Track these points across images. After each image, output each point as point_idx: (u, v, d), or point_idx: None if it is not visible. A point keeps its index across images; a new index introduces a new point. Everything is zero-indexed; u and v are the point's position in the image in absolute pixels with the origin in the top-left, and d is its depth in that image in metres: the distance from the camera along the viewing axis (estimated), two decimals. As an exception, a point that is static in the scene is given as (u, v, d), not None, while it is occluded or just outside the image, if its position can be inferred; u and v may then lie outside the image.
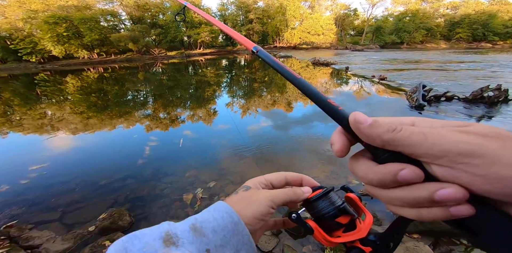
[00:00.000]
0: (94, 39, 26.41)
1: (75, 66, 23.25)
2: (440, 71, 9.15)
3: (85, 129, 4.23)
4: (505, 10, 39.34)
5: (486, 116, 3.97)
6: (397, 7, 43.98)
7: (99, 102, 6.63)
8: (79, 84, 10.45)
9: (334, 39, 38.25)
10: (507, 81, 6.40)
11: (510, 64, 10.85)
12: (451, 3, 42.87)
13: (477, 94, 4.63)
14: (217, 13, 38.02)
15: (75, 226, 1.80)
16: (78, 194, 2.18)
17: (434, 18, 40.22)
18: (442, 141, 0.15)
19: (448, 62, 12.82)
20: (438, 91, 5.20)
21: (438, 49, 31.80)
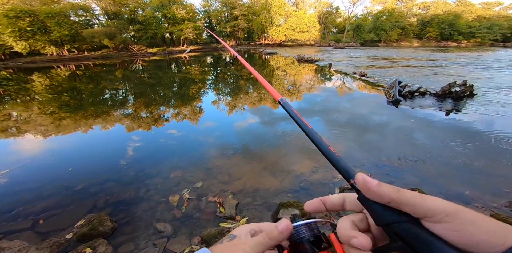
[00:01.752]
0: (63, 34, 24.19)
1: (42, 64, 21.17)
2: (413, 68, 9.80)
3: (58, 130, 3.89)
4: (468, 11, 43.09)
5: (454, 109, 4.34)
6: (375, 6, 45.99)
7: (72, 102, 6.12)
8: (47, 83, 9.55)
9: (318, 37, 39.10)
10: (472, 77, 7.05)
11: (474, 62, 11.94)
12: (423, 3, 45.91)
13: (446, 89, 5.03)
14: (201, 9, 36.79)
15: (50, 234, 1.66)
16: (51, 200, 2.01)
17: (408, 17, 42.75)
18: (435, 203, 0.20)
19: (420, 59, 13.77)
20: (412, 87, 5.57)
21: (412, 47, 33.98)
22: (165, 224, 1.73)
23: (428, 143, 2.95)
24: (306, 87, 6.82)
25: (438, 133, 3.28)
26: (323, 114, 4.23)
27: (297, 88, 6.77)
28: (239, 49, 32.02)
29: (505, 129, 3.29)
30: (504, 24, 40.55)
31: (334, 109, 4.56)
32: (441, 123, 3.63)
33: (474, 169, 2.34)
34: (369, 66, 10.45)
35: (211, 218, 1.79)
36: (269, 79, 8.54)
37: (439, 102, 4.81)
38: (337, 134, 3.31)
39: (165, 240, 1.61)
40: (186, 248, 1.55)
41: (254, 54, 23.11)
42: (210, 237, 1.54)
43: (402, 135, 3.24)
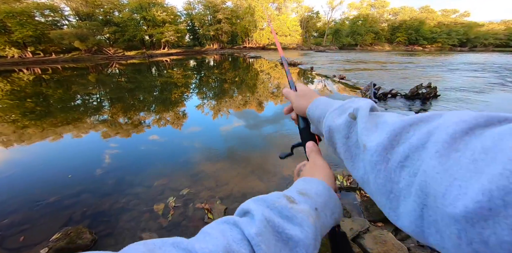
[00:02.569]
0: (26, 35, 22.06)
1: (1, 67, 19.03)
2: (386, 71, 10.66)
3: (21, 139, 3.52)
4: (431, 18, 47.88)
5: (422, 110, 4.80)
6: (351, 11, 48.99)
7: (38, 109, 5.59)
8: (8, 88, 8.60)
9: (300, 40, 40.56)
10: (436, 80, 7.87)
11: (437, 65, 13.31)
12: (393, 10, 50.00)
13: (414, 91, 5.55)
14: (183, 12, 36.08)
15: (22, 250, 1.53)
16: (20, 215, 1.84)
17: (380, 22, 46.23)
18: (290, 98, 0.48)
19: (392, 62, 15.01)
20: (385, 89, 6.05)
21: (384, 51, 36.86)
22: (151, 233, 1.67)
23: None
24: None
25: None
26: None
27: (281, 91, 6.95)
28: (223, 53, 31.94)
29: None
30: (460, 30, 45.47)
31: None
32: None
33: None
34: (347, 70, 11.12)
35: (200, 224, 1.77)
36: (254, 82, 8.64)
37: (409, 103, 5.29)
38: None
39: None
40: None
41: (238, 57, 23.22)
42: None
43: None
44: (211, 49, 36.61)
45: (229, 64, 16.95)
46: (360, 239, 1.49)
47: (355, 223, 1.61)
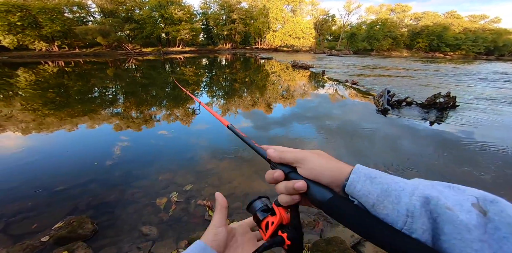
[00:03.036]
0: (55, 30, 23.58)
1: (29, 59, 20.36)
2: (402, 78, 10.25)
3: (40, 128, 3.73)
4: (456, 24, 45.25)
5: (438, 120, 4.57)
6: (369, 15, 47.84)
7: (58, 99, 5.91)
8: (33, 79, 9.18)
9: (313, 43, 40.12)
10: (456, 89, 7.47)
11: (459, 74, 12.65)
12: (414, 14, 48.00)
13: (431, 100, 5.29)
14: (199, 11, 36.90)
15: (24, 237, 1.58)
16: (27, 201, 1.91)
17: (399, 27, 44.48)
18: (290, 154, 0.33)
19: (410, 69, 14.44)
20: (400, 96, 5.82)
21: (401, 57, 35.57)
22: (151, 227, 1.69)
23: (412, 150, 3.08)
24: (299, 93, 6.96)
25: (422, 141, 3.43)
26: (314, 120, 4.32)
27: (291, 93, 6.89)
28: (235, 53, 32.26)
29: (482, 139, 3.50)
30: (488, 37, 42.73)
31: (326, 115, 4.68)
32: (424, 133, 3.81)
33: (453, 177, 2.47)
34: (360, 75, 10.83)
35: (200, 221, 1.77)
36: (264, 84, 8.64)
37: (424, 112, 5.04)
38: (328, 140, 3.39)
39: (150, 243, 1.57)
40: (172, 251, 1.51)
41: (249, 58, 23.36)
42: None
43: (389, 142, 3.36)
44: (224, 49, 37.12)
45: (240, 64, 17.08)
46: (360, 247, 1.49)
47: None
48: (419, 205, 0.23)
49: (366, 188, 0.26)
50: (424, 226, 0.23)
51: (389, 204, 0.24)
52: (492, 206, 0.22)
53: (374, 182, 0.27)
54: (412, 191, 0.24)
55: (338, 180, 0.29)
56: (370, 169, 0.29)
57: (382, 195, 0.25)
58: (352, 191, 0.27)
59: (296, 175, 0.31)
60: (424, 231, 0.23)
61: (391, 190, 0.25)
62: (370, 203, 0.26)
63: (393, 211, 0.24)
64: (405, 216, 0.23)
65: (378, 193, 0.26)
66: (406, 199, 0.24)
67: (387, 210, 0.25)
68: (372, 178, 0.27)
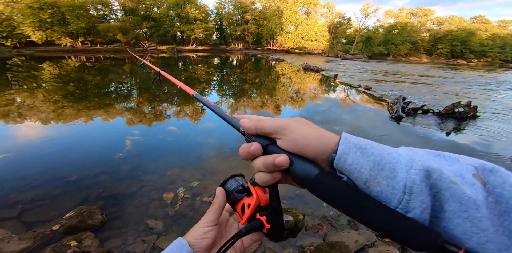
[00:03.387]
0: (80, 27, 25.02)
1: (55, 53, 21.63)
2: (420, 85, 9.83)
3: (58, 119, 3.94)
4: (484, 29, 42.31)
5: (455, 130, 4.33)
6: (388, 19, 46.41)
7: (77, 92, 6.22)
8: (56, 72, 9.73)
9: (326, 46, 39.54)
10: (478, 99, 7.06)
11: (482, 83, 11.95)
12: (438, 19, 45.70)
13: (449, 109, 5.02)
14: (214, 11, 37.51)
15: (36, 225, 1.65)
16: (42, 190, 2.01)
17: (420, 32, 42.52)
18: (276, 122, 0.26)
19: (428, 76, 13.82)
20: (416, 104, 5.58)
21: (420, 63, 34.12)
22: (157, 221, 1.72)
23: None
24: (309, 96, 6.87)
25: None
26: (323, 125, 4.24)
27: (301, 96, 6.81)
28: (247, 53, 32.46)
29: (502, 152, 3.28)
30: (518, 44, 39.66)
31: (336, 120, 4.58)
32: (440, 143, 3.62)
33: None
34: (375, 80, 10.51)
35: None
36: (273, 85, 8.61)
37: (441, 121, 4.80)
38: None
39: (155, 237, 1.60)
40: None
41: (261, 59, 23.40)
42: (202, 237, 1.54)
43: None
44: (236, 49, 37.48)
45: (251, 65, 17.14)
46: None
47: (361, 236, 1.59)
48: (419, 179, 0.20)
49: (358, 161, 0.22)
50: (424, 204, 0.19)
51: (383, 179, 0.21)
52: (492, 177, 0.19)
53: (365, 154, 0.23)
54: (409, 163, 0.21)
55: (324, 152, 0.24)
56: (358, 137, 0.25)
57: (375, 169, 0.22)
58: (342, 166, 0.23)
59: (276, 148, 0.26)
60: (424, 210, 0.20)
61: (385, 162, 0.22)
62: (363, 179, 0.22)
63: (387, 187, 0.21)
64: (402, 193, 0.20)
65: (371, 167, 0.22)
66: (403, 173, 0.21)
67: (381, 186, 0.21)
68: (363, 148, 0.23)
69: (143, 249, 1.50)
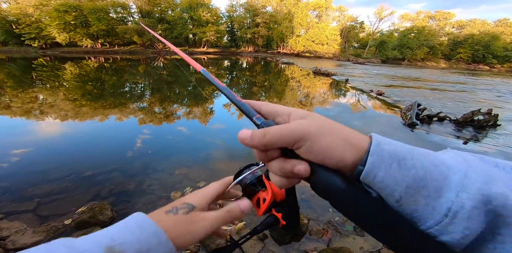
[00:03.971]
0: (100, 29, 26.44)
1: (76, 54, 22.97)
2: (436, 91, 9.42)
3: (76, 116, 4.15)
4: (508, 32, 39.61)
5: (474, 139, 4.09)
6: (404, 22, 44.89)
7: (95, 91, 6.54)
8: (77, 72, 10.31)
9: (338, 50, 39.02)
10: (499, 107, 6.65)
11: (505, 90, 11.26)
12: (458, 22, 43.50)
13: (468, 117, 4.77)
14: (225, 14, 38.30)
15: (50, 219, 1.71)
16: (58, 184, 2.10)
17: (438, 36, 40.65)
18: (290, 133, 0.21)
19: (446, 82, 13.21)
20: (432, 111, 5.35)
21: (438, 68, 32.74)
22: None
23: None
24: (318, 100, 6.79)
25: None
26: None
27: (310, 100, 6.74)
28: (257, 56, 32.72)
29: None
30: (546, 48, 37.05)
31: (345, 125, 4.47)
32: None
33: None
34: (388, 85, 10.20)
35: None
36: (283, 88, 8.60)
37: (459, 130, 4.56)
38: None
39: None
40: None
41: (270, 62, 23.49)
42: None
43: None
44: (246, 52, 37.92)
45: (260, 68, 17.24)
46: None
47: (366, 243, 1.58)
48: (470, 205, 0.16)
49: (393, 176, 0.18)
50: (468, 230, 0.16)
51: (422, 198, 0.17)
52: None
53: (403, 166, 0.18)
54: (461, 183, 0.17)
55: (351, 163, 0.20)
56: (393, 142, 0.21)
57: (415, 186, 0.17)
58: (371, 181, 0.19)
59: (294, 153, 0.23)
60: (465, 236, 0.16)
61: (430, 179, 0.17)
62: (396, 197, 0.18)
63: (425, 206, 0.17)
64: (443, 215, 0.17)
65: (409, 183, 0.18)
66: (451, 195, 0.17)
67: (418, 205, 0.17)
68: (401, 159, 0.18)
69: None
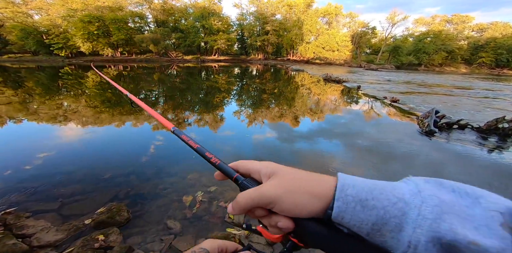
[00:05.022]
0: (120, 38, 28.26)
1: (98, 63, 24.63)
2: (457, 97, 8.96)
3: (95, 122, 4.43)
4: None
5: (499, 148, 3.82)
6: (418, 27, 43.54)
7: (113, 98, 6.95)
8: (98, 80, 11.05)
9: (349, 56, 38.57)
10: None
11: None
12: (478, 25, 41.44)
13: (492, 124, 4.48)
14: (236, 22, 39.46)
15: (71, 218, 1.80)
16: (80, 185, 2.23)
17: (457, 40, 38.97)
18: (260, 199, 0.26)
19: (467, 88, 12.53)
20: (452, 118, 5.09)
21: (457, 74, 31.22)
22: (175, 221, 1.80)
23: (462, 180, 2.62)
24: (329, 107, 6.71)
25: (476, 171, 2.90)
26: (343, 137, 4.08)
27: (320, 108, 6.69)
28: (266, 63, 33.22)
29: None
30: None
31: (357, 133, 4.37)
32: (478, 161, 3.21)
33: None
34: (403, 92, 9.88)
35: (219, 222, 1.82)
36: (292, 96, 8.62)
37: (481, 138, 4.28)
38: (357, 160, 3.15)
39: (172, 237, 1.66)
40: (190, 247, 1.56)
41: (280, 69, 23.72)
42: (216, 240, 1.55)
43: (432, 168, 2.94)
44: (256, 59, 38.67)
45: (270, 75, 17.45)
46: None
47: None
48: (425, 240, 0.19)
49: (358, 217, 0.21)
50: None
51: (387, 232, 0.20)
52: None
53: (366, 207, 0.21)
54: (416, 220, 0.19)
55: (319, 210, 0.24)
56: (355, 182, 0.23)
57: (379, 223, 0.21)
58: (340, 222, 0.22)
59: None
60: None
61: (389, 217, 0.20)
62: (364, 232, 0.21)
63: (391, 239, 0.20)
64: (407, 246, 0.19)
65: (373, 222, 0.21)
66: (409, 229, 0.19)
67: (385, 237, 0.21)
68: (363, 201, 0.21)
69: (160, 248, 1.56)
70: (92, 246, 1.49)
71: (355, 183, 0.23)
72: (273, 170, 0.28)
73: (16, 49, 27.71)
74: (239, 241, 1.58)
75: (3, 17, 25.58)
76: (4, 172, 2.41)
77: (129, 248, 1.50)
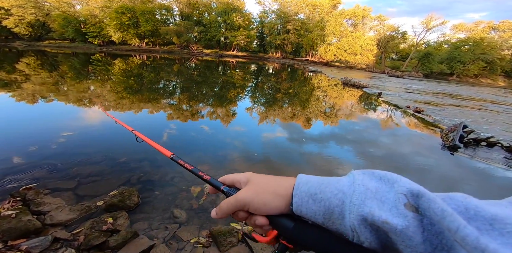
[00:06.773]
0: (147, 30, 29.48)
1: (125, 52, 25.92)
2: (491, 113, 8.18)
3: (117, 107, 4.66)
4: None
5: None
6: (457, 33, 39.91)
7: (135, 86, 7.28)
8: (123, 67, 11.63)
9: (372, 61, 36.60)
10: None
11: None
12: None
13: (527, 145, 4.05)
14: (257, 19, 39.02)
15: (85, 198, 1.85)
16: (97, 167, 2.34)
17: (500, 49, 35.02)
18: (236, 203, 0.31)
19: (504, 103, 11.38)
20: (481, 134, 4.67)
21: (495, 86, 28.48)
22: (182, 211, 1.83)
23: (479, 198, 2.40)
24: (344, 112, 6.46)
25: (495, 191, 2.65)
26: (356, 145, 3.92)
27: (334, 112, 6.47)
28: (284, 63, 32.69)
29: None
30: None
31: (372, 141, 4.17)
32: (501, 181, 2.92)
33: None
34: (429, 102, 9.23)
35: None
36: (307, 98, 8.43)
37: (509, 158, 3.88)
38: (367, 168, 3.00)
39: (177, 226, 1.69)
40: (193, 238, 1.59)
41: (297, 69, 23.25)
42: (219, 233, 1.57)
43: (446, 184, 2.73)
44: (273, 57, 38.21)
45: (286, 75, 17.18)
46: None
47: None
48: (357, 223, 0.23)
49: (311, 209, 0.26)
50: (368, 239, 0.23)
51: (336, 220, 0.25)
52: (419, 201, 0.22)
53: (316, 200, 0.26)
54: (349, 206, 0.24)
55: (283, 206, 0.28)
56: (309, 179, 0.28)
57: (327, 213, 0.25)
58: (300, 215, 0.27)
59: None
60: (371, 242, 0.23)
61: (333, 207, 0.25)
62: (319, 221, 0.26)
63: (340, 225, 0.25)
64: (351, 231, 0.24)
65: (323, 212, 0.25)
66: (347, 216, 0.24)
67: (336, 224, 0.25)
68: (313, 195, 0.26)
69: (164, 236, 1.60)
70: (100, 228, 1.51)
71: (309, 180, 0.28)
72: (248, 178, 0.32)
73: (57, 36, 30.25)
74: (242, 236, 1.59)
75: (50, 7, 27.88)
76: (31, 147, 2.61)
77: (135, 233, 1.52)
